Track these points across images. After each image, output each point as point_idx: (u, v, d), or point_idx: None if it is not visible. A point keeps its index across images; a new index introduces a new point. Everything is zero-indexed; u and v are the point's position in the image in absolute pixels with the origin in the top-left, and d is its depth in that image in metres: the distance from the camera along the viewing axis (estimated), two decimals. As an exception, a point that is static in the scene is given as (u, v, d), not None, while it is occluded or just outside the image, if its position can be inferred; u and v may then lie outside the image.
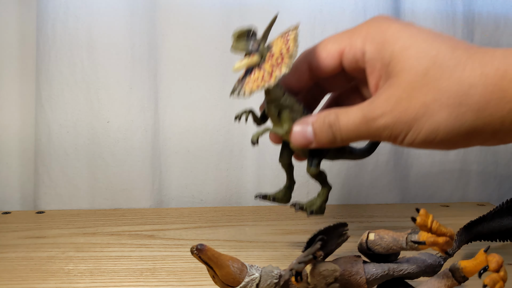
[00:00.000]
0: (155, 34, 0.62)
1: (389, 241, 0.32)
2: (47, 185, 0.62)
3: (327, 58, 0.36)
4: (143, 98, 0.62)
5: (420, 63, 0.31)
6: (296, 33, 0.34)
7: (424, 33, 0.32)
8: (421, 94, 0.30)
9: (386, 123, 0.32)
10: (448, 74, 0.30)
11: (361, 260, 0.33)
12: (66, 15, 0.59)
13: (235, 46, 0.34)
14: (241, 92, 0.34)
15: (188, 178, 0.65)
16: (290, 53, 0.33)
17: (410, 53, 0.31)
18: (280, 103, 0.36)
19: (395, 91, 0.31)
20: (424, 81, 0.30)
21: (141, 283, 0.39)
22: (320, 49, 0.36)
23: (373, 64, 0.33)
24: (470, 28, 0.66)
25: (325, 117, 0.34)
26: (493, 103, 0.29)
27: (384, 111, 0.31)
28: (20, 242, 0.49)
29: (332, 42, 0.36)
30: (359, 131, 0.33)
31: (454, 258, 0.37)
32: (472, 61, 0.29)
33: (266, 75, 0.33)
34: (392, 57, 0.32)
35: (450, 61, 0.30)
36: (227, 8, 0.62)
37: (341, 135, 0.34)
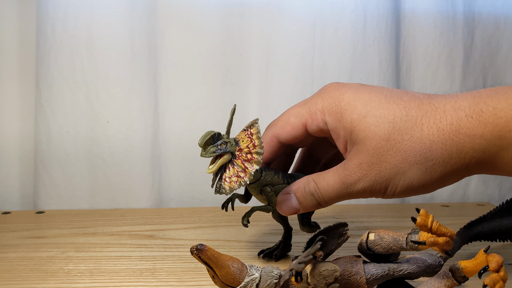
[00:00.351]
0: (155, 34, 0.62)
1: (389, 241, 0.32)
2: (47, 185, 0.62)
3: (293, 131, 0.39)
4: (143, 98, 0.62)
5: (380, 129, 0.34)
6: (257, 128, 0.37)
7: (376, 98, 0.35)
8: (389, 157, 0.34)
9: (365, 186, 0.35)
10: (409, 136, 0.33)
11: (361, 260, 0.33)
12: (66, 15, 0.59)
13: (204, 154, 0.37)
14: (221, 190, 0.37)
15: (188, 178, 0.65)
16: (256, 150, 0.36)
17: (369, 121, 0.34)
18: (261, 182, 0.39)
19: (364, 157, 0.35)
20: (388, 145, 0.34)
21: (141, 283, 0.39)
22: (285, 124, 0.39)
23: (336, 132, 0.36)
24: (470, 28, 0.66)
25: (305, 186, 0.38)
26: (454, 155, 0.32)
27: (360, 177, 0.35)
28: (20, 242, 0.49)
29: (294, 116, 0.39)
30: (341, 194, 0.36)
31: (454, 258, 0.37)
32: (427, 120, 0.33)
33: (240, 172, 0.36)
34: (353, 125, 0.35)
35: (407, 123, 0.33)
36: (227, 8, 0.62)
37: (324, 200, 0.37)
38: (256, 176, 0.39)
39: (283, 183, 0.40)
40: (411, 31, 0.65)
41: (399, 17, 0.64)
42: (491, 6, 0.66)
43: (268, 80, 0.63)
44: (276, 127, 0.40)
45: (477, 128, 0.31)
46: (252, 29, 0.63)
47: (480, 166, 0.32)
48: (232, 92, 0.64)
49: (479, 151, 0.31)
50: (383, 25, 0.62)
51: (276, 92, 0.63)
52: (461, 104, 0.32)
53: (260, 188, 0.39)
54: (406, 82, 0.67)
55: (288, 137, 0.39)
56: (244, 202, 0.43)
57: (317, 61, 0.63)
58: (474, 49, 0.66)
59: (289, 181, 0.40)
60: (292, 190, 0.39)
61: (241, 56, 0.63)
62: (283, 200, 0.39)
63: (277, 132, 0.40)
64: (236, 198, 0.42)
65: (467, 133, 0.31)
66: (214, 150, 0.36)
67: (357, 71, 0.63)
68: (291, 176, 0.41)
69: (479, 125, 0.31)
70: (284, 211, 0.39)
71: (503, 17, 0.67)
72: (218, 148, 0.37)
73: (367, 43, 0.62)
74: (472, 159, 0.32)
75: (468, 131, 0.31)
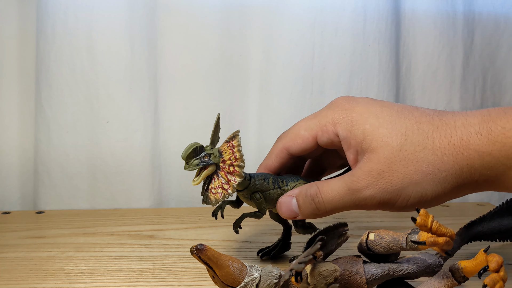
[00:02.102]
0: (155, 34, 0.62)
1: (389, 241, 0.32)
2: (47, 185, 0.62)
3: (303, 143, 0.39)
4: (143, 98, 0.62)
5: (393, 140, 0.34)
6: (238, 141, 0.37)
7: (387, 112, 0.35)
8: (401, 167, 0.34)
9: (372, 194, 0.35)
10: (421, 147, 0.33)
11: (361, 260, 0.33)
12: (66, 15, 0.59)
13: (187, 168, 0.37)
14: (208, 201, 0.37)
15: (188, 178, 0.64)
16: (238, 163, 0.37)
17: (382, 132, 0.35)
18: (250, 189, 0.39)
19: (375, 165, 0.34)
20: (401, 155, 0.34)
21: (141, 283, 0.39)
22: (295, 136, 0.40)
23: (347, 141, 0.36)
24: (470, 28, 0.66)
25: (307, 190, 0.37)
26: (465, 169, 0.32)
27: (368, 183, 0.35)
28: (20, 242, 0.49)
29: (304, 129, 0.39)
30: (344, 201, 0.36)
31: (454, 258, 0.37)
32: (439, 133, 0.33)
33: (224, 184, 0.37)
34: (365, 135, 0.35)
35: (419, 136, 0.34)
36: (227, 8, 0.62)
37: (324, 207, 0.37)
38: (244, 184, 0.39)
39: (274, 188, 0.40)
40: (411, 31, 0.65)
41: (399, 17, 0.64)
42: (491, 6, 0.66)
43: (268, 80, 0.63)
44: (286, 139, 0.40)
45: (486, 146, 0.31)
46: (252, 29, 0.63)
47: (489, 183, 0.33)
48: (232, 92, 0.64)
49: (488, 169, 0.32)
50: (383, 25, 0.62)
51: (276, 92, 0.63)
52: (471, 121, 0.33)
53: (250, 194, 0.39)
54: (406, 82, 0.67)
55: (298, 150, 0.40)
56: (236, 207, 0.43)
57: (317, 61, 0.63)
58: (474, 49, 0.66)
59: (280, 185, 0.40)
60: (294, 193, 0.38)
61: (241, 56, 0.63)
62: (284, 202, 0.39)
63: (287, 144, 0.40)
64: (227, 204, 0.42)
65: (477, 149, 0.32)
66: (198, 163, 0.37)
67: (357, 71, 0.63)
68: (283, 179, 0.41)
69: (488, 143, 0.31)
70: (283, 213, 0.39)
71: (503, 17, 0.67)
72: (202, 161, 0.37)
73: (367, 43, 0.62)
74: (482, 176, 0.32)
75: (478, 148, 0.32)
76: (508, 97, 0.70)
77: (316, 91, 0.63)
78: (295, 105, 0.64)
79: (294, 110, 0.64)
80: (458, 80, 0.66)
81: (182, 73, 0.63)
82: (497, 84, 0.69)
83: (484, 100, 0.69)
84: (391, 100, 0.65)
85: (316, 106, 0.64)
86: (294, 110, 0.64)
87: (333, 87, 0.64)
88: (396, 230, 0.33)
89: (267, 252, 0.44)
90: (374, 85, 0.64)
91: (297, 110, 0.63)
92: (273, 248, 0.44)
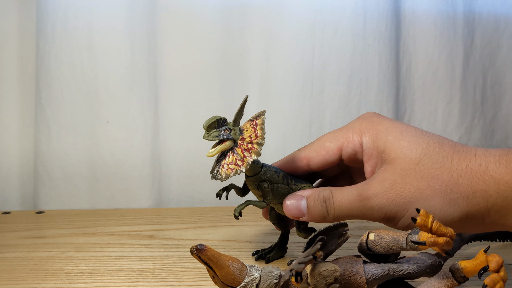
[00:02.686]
0: (155, 34, 0.62)
1: (389, 241, 0.32)
2: (47, 185, 0.62)
3: (327, 155, 0.39)
4: (143, 98, 0.62)
5: (412, 152, 0.34)
6: (263, 120, 0.37)
7: (412, 129, 0.36)
8: (415, 180, 0.33)
9: (380, 204, 0.34)
10: (439, 164, 0.33)
11: (361, 260, 0.33)
12: (66, 15, 0.59)
13: (206, 137, 0.36)
14: (218, 175, 0.37)
15: (188, 178, 0.65)
16: (258, 140, 0.36)
17: (403, 144, 0.35)
18: (259, 177, 0.39)
19: (389, 175, 0.34)
20: (417, 168, 0.34)
21: (141, 283, 0.39)
22: (319, 148, 0.39)
23: (369, 152, 0.37)
24: (470, 28, 0.66)
25: (320, 192, 0.37)
26: (478, 194, 0.32)
27: (379, 192, 0.34)
28: (20, 242, 0.49)
29: (329, 140, 0.39)
30: (352, 208, 0.35)
31: (454, 258, 0.37)
32: (458, 156, 0.33)
33: (239, 160, 0.36)
34: (386, 145, 0.35)
35: (439, 154, 0.34)
36: (227, 8, 0.62)
37: (334, 211, 0.36)
38: (256, 170, 0.38)
39: (282, 183, 0.40)
40: (411, 31, 0.65)
41: (399, 17, 0.64)
42: (491, 6, 0.66)
43: (268, 80, 0.63)
44: (309, 150, 0.40)
45: (504, 174, 0.31)
46: (252, 29, 0.63)
47: (501, 215, 0.32)
48: (232, 92, 0.64)
49: (503, 198, 0.31)
50: (383, 25, 0.62)
51: (276, 92, 0.63)
52: (491, 152, 0.33)
53: (258, 182, 0.39)
54: (406, 82, 0.67)
55: (319, 162, 0.39)
56: (240, 195, 0.42)
57: (317, 61, 0.63)
58: (474, 49, 0.66)
59: (289, 182, 0.40)
60: (305, 193, 0.38)
61: (241, 56, 0.63)
62: (292, 201, 0.38)
63: (310, 155, 0.40)
64: (233, 189, 0.41)
65: (494, 176, 0.31)
66: (217, 134, 0.36)
67: (357, 71, 0.63)
68: (293, 178, 0.41)
69: (506, 172, 0.31)
70: (289, 211, 0.38)
71: (503, 17, 0.67)
72: (221, 134, 0.36)
73: (367, 43, 0.62)
74: (495, 205, 0.32)
75: (495, 175, 0.31)
76: (508, 97, 0.70)
77: (316, 91, 0.63)
78: (295, 105, 0.64)
79: (294, 110, 0.64)
80: (458, 80, 0.66)
81: (182, 73, 0.63)
82: (497, 84, 0.69)
83: (484, 100, 0.69)
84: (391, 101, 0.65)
85: (316, 106, 0.64)
86: (294, 110, 0.64)
87: (333, 87, 0.64)
88: (396, 231, 0.33)
89: (263, 256, 0.44)
90: (374, 85, 0.64)
91: (297, 110, 0.63)
92: (268, 251, 0.44)
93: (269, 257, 0.43)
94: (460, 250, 0.40)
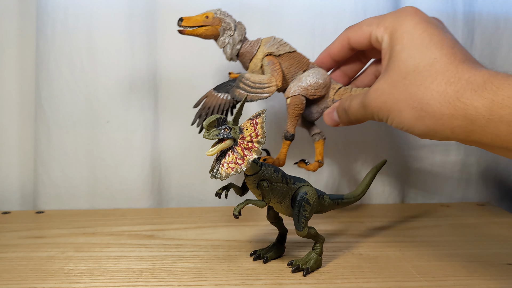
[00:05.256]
0: (155, 34, 0.62)
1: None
2: (46, 185, 0.62)
3: (361, 36, 0.44)
4: (143, 98, 0.62)
5: (405, 65, 0.37)
6: (263, 119, 0.37)
7: (424, 39, 0.37)
8: (397, 92, 0.37)
9: (373, 110, 0.40)
10: (419, 82, 0.36)
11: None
12: (66, 15, 0.59)
13: (206, 136, 0.36)
14: (218, 174, 0.37)
15: (188, 178, 0.65)
16: (258, 139, 0.37)
17: (402, 56, 0.38)
18: (258, 176, 0.39)
19: (381, 85, 0.39)
20: (402, 82, 0.37)
21: (141, 283, 0.39)
22: (357, 28, 0.45)
23: (385, 53, 0.41)
24: (470, 28, 0.66)
25: (343, 103, 0.44)
26: (445, 117, 0.34)
27: (372, 99, 0.39)
28: (19, 242, 0.49)
29: (366, 24, 0.44)
30: (360, 113, 0.42)
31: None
32: (442, 77, 0.35)
33: (239, 159, 0.37)
34: (392, 54, 0.39)
35: (426, 72, 0.36)
36: (227, 8, 0.62)
37: (352, 116, 0.43)
38: (255, 169, 0.39)
39: (281, 182, 0.40)
40: (411, 31, 0.65)
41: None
42: (491, 6, 0.66)
43: (268, 80, 0.63)
44: (350, 30, 0.46)
45: (475, 101, 0.33)
46: (252, 29, 0.63)
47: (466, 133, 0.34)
48: (232, 92, 0.64)
49: (468, 121, 0.33)
50: (383, 25, 0.62)
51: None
52: (476, 79, 0.33)
53: (258, 181, 0.39)
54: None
55: (356, 41, 0.45)
56: (239, 194, 0.42)
57: (317, 61, 0.63)
58: (474, 49, 0.66)
59: (288, 181, 0.40)
60: (336, 105, 0.46)
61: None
62: (328, 113, 0.46)
63: (349, 34, 0.45)
64: (232, 188, 0.41)
65: (465, 102, 0.33)
66: (217, 133, 0.36)
67: (357, 71, 0.63)
68: (292, 177, 0.41)
69: (478, 99, 0.32)
70: (328, 121, 0.46)
71: (503, 17, 0.67)
72: (221, 132, 0.36)
73: (367, 43, 0.62)
74: (460, 126, 0.33)
75: (467, 101, 0.33)
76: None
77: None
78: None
79: (294, 110, 0.64)
80: (458, 80, 0.66)
81: (182, 73, 0.63)
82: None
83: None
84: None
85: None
86: (294, 110, 0.64)
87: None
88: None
89: (261, 255, 0.44)
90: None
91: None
92: (267, 251, 0.44)
93: (267, 257, 0.43)
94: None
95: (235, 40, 0.46)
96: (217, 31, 0.46)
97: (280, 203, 0.41)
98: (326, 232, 0.52)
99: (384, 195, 0.66)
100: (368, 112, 0.40)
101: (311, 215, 0.41)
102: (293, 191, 0.41)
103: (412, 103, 0.36)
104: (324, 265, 0.42)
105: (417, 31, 0.38)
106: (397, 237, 0.50)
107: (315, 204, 0.41)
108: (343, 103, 0.44)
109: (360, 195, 0.47)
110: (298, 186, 0.41)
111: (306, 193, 0.41)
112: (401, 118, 0.37)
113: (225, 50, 0.47)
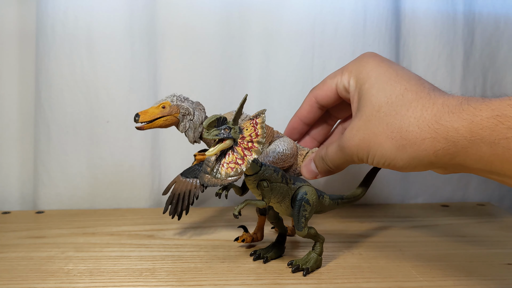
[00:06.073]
0: (155, 34, 0.62)
1: None
2: (46, 185, 0.62)
3: (327, 91, 0.44)
4: (143, 98, 0.62)
5: (377, 100, 0.37)
6: (263, 119, 0.37)
7: (389, 75, 0.38)
8: (373, 126, 0.37)
9: (351, 150, 0.39)
10: (394, 112, 0.36)
11: None
12: (66, 15, 0.59)
13: (206, 136, 0.36)
14: (218, 174, 0.37)
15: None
16: (258, 139, 0.37)
17: (372, 92, 0.38)
18: (258, 176, 0.39)
19: (357, 123, 0.38)
20: (377, 115, 0.37)
21: (141, 283, 0.39)
22: (322, 85, 0.45)
23: (353, 95, 0.40)
24: (470, 28, 0.66)
25: (320, 151, 0.43)
26: (427, 141, 0.34)
27: (348, 138, 0.39)
28: (19, 242, 0.49)
29: (329, 78, 0.44)
30: (338, 158, 0.41)
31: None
32: (416, 104, 0.35)
33: (239, 159, 0.37)
34: (361, 93, 0.39)
35: (399, 102, 0.36)
36: (227, 8, 0.62)
37: (330, 164, 0.42)
38: (255, 169, 0.39)
39: (281, 182, 0.40)
40: (411, 31, 0.65)
41: (399, 17, 0.64)
42: (491, 6, 0.66)
43: (268, 80, 0.63)
44: (315, 89, 0.46)
45: (454, 122, 0.33)
46: (252, 29, 0.63)
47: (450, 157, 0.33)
48: (232, 92, 0.64)
49: (451, 143, 0.33)
50: (383, 25, 0.62)
51: (276, 92, 0.63)
52: (451, 102, 0.34)
53: (258, 181, 0.39)
54: (406, 82, 0.66)
55: (323, 97, 0.44)
56: (239, 194, 0.42)
57: (317, 61, 0.63)
58: (474, 49, 0.66)
59: (287, 181, 0.40)
60: (312, 157, 0.45)
61: (241, 56, 0.63)
62: (305, 165, 0.45)
63: (315, 92, 0.45)
64: (232, 188, 0.41)
65: (445, 124, 0.33)
66: (217, 133, 0.36)
67: (357, 71, 0.63)
68: (292, 178, 0.41)
69: (457, 120, 0.32)
70: (306, 174, 0.45)
71: (503, 17, 0.67)
72: (221, 132, 0.36)
73: (367, 43, 0.62)
74: (443, 149, 0.33)
75: (446, 123, 0.33)
76: (508, 97, 0.70)
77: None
78: (295, 105, 0.63)
79: (294, 110, 0.63)
80: (458, 80, 0.66)
81: (182, 73, 0.63)
82: (497, 84, 0.69)
83: (484, 100, 0.68)
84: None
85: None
86: (294, 110, 0.63)
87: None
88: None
89: (261, 255, 0.44)
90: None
91: (297, 109, 0.63)
92: (266, 251, 0.44)
93: (267, 257, 0.43)
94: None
95: (195, 124, 0.45)
96: (176, 118, 0.44)
97: (280, 203, 0.41)
98: (326, 232, 0.52)
99: (384, 195, 0.66)
100: (347, 154, 0.39)
101: (311, 215, 0.41)
102: (293, 191, 0.41)
103: (390, 134, 0.36)
104: (324, 265, 0.42)
105: (382, 68, 0.39)
106: (397, 237, 0.50)
107: (315, 204, 0.41)
108: (320, 151, 0.43)
109: (360, 195, 0.47)
110: (298, 186, 0.41)
111: (306, 193, 0.41)
112: (382, 151, 0.36)
113: (187, 134, 0.45)
